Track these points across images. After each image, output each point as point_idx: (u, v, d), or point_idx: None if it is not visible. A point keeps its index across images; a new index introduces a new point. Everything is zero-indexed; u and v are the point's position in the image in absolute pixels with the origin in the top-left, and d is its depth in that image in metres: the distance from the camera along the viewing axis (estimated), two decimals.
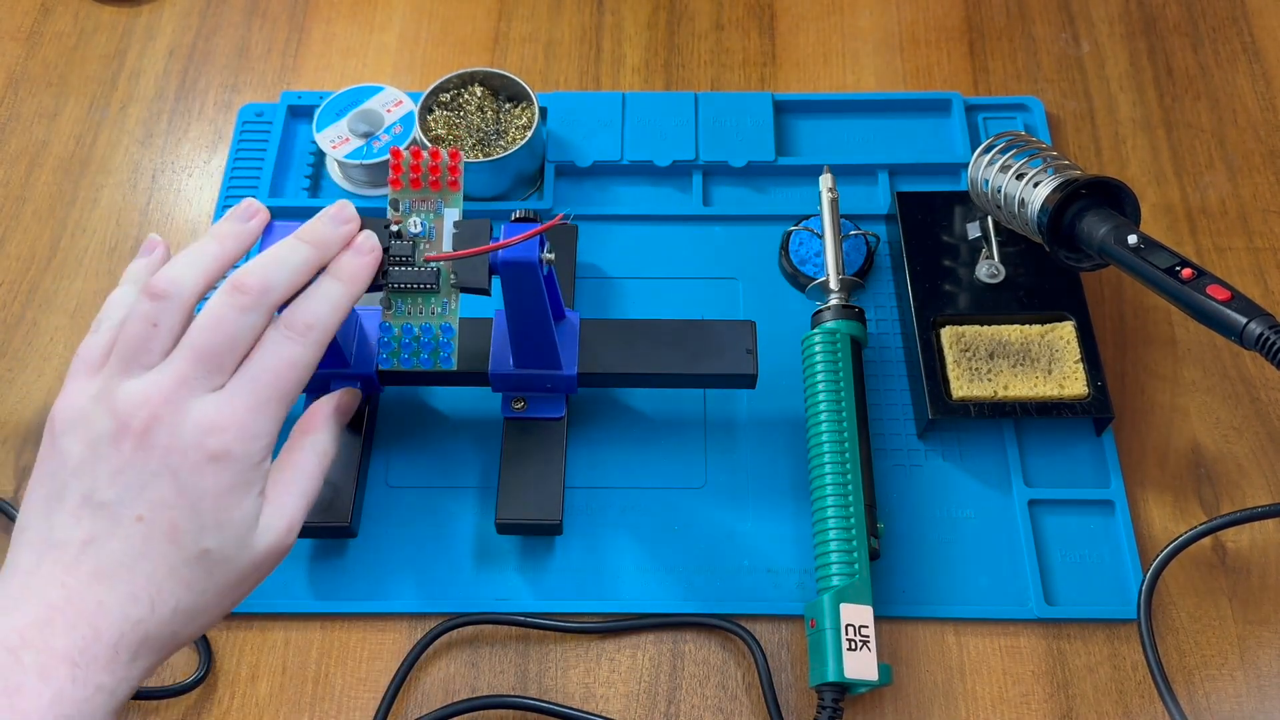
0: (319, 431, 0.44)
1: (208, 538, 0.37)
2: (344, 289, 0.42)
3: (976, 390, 0.55)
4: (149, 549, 0.36)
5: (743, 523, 0.55)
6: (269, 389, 0.39)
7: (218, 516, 0.37)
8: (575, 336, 0.54)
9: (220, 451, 0.37)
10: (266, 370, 0.39)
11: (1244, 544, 0.55)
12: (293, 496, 0.41)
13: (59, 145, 0.69)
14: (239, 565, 0.38)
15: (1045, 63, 0.71)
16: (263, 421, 0.38)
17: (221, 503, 0.37)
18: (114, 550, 0.36)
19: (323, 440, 0.44)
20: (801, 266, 0.61)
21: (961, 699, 0.51)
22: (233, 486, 0.37)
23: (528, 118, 0.64)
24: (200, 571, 0.37)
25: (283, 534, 0.40)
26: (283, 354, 0.39)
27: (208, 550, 0.37)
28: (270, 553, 0.40)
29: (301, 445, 0.43)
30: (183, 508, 0.37)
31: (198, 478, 0.37)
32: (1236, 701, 0.51)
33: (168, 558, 0.37)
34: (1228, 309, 0.47)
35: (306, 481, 0.42)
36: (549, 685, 0.52)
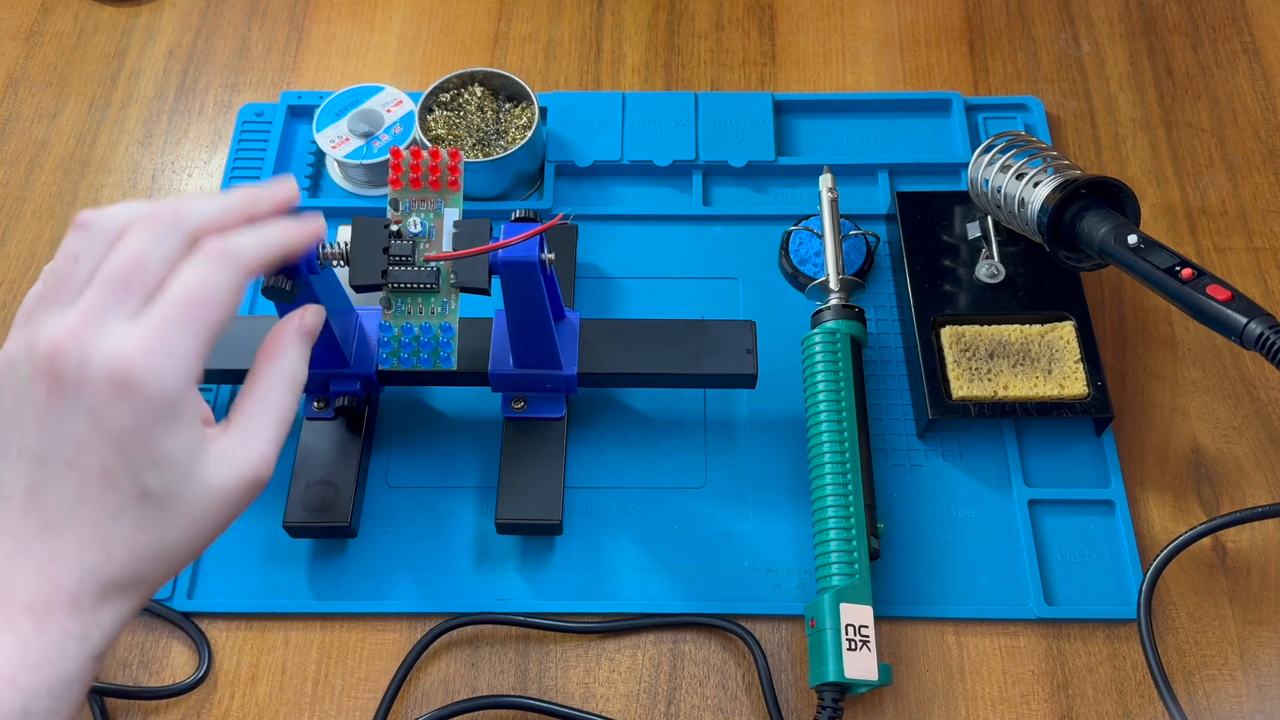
0: (283, 355, 0.41)
1: (144, 476, 0.36)
2: (275, 233, 0.40)
3: (976, 390, 0.55)
4: (87, 494, 0.35)
5: (743, 523, 0.55)
6: (179, 312, 0.36)
7: (147, 452, 0.35)
8: (575, 336, 0.54)
9: (128, 381, 0.35)
10: (177, 293, 0.36)
11: (1244, 544, 0.55)
12: (258, 425, 0.39)
13: (59, 145, 0.69)
14: (194, 500, 0.37)
15: (1045, 63, 0.71)
16: (173, 347, 0.36)
17: (146, 437, 0.35)
18: (54, 499, 0.35)
19: (288, 363, 0.41)
20: (801, 266, 0.61)
21: (961, 699, 0.51)
22: (154, 418, 0.35)
23: (528, 118, 0.64)
24: (149, 511, 0.36)
25: (251, 465, 0.38)
26: (195, 276, 0.37)
27: (148, 488, 0.36)
28: (237, 485, 0.38)
29: (265, 371, 0.41)
30: (106, 447, 0.35)
31: (110, 413, 0.35)
32: (1236, 701, 0.51)
33: (107, 501, 0.35)
34: (1228, 309, 0.47)
35: (273, 408, 0.40)
36: (549, 685, 0.52)
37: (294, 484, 0.54)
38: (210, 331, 0.37)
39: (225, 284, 0.37)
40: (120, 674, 0.52)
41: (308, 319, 0.43)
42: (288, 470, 0.55)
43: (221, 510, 0.38)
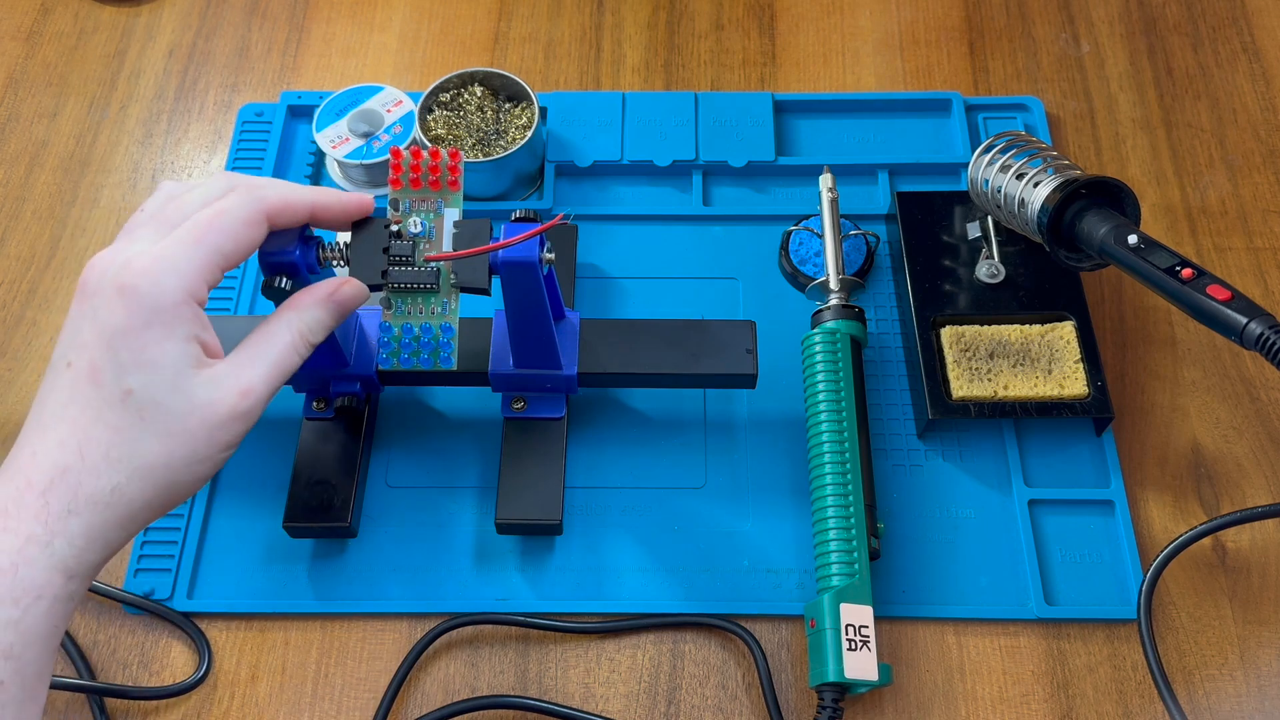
0: (303, 310, 0.43)
1: (128, 377, 0.37)
2: (307, 189, 0.44)
3: (976, 390, 0.55)
4: (75, 393, 0.37)
5: (743, 523, 0.55)
6: (189, 231, 0.39)
7: (135, 355, 0.37)
8: (575, 336, 0.54)
9: (127, 285, 0.37)
10: (194, 218, 0.40)
11: (1244, 544, 0.55)
12: (254, 360, 0.41)
13: (59, 145, 0.69)
14: (175, 412, 0.38)
15: (1045, 63, 0.71)
16: (175, 260, 0.38)
17: (136, 339, 0.37)
18: (50, 401, 0.38)
19: (306, 318, 0.43)
20: (801, 266, 0.61)
21: (961, 699, 0.51)
22: (147, 323, 0.37)
23: (528, 118, 0.64)
24: (128, 415, 0.37)
25: (238, 392, 0.39)
26: (215, 205, 0.40)
27: (130, 390, 0.37)
28: (219, 408, 0.39)
29: (278, 316, 0.43)
30: (98, 346, 0.37)
31: (108, 313, 0.37)
32: (1236, 701, 0.51)
33: (91, 400, 0.37)
34: (1228, 309, 0.47)
35: (273, 350, 0.41)
36: (549, 685, 0.52)
37: (294, 484, 0.54)
38: (215, 253, 0.40)
39: (240, 212, 0.40)
40: (120, 674, 0.52)
41: (345, 290, 0.45)
42: (288, 470, 0.55)
43: (201, 434, 0.39)
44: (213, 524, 0.56)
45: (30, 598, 0.35)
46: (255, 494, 0.56)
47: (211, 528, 0.55)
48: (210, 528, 0.55)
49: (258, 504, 0.56)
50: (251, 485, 0.56)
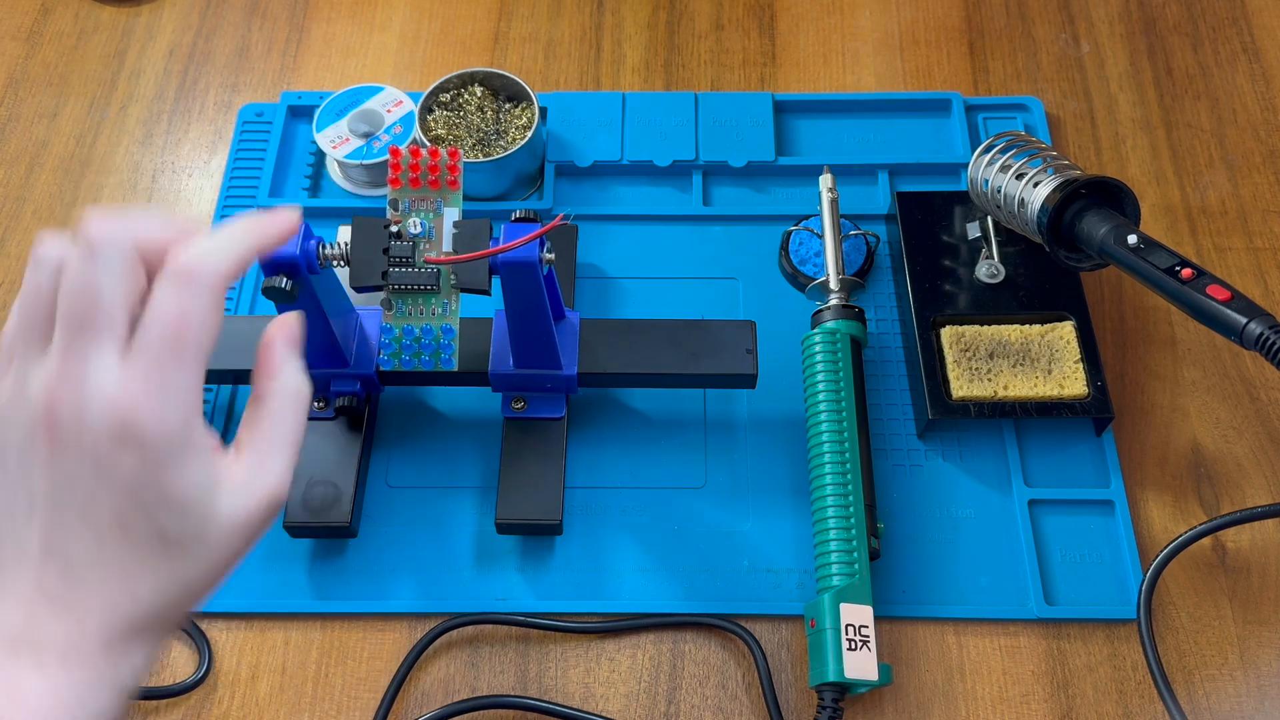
0: (280, 371, 0.39)
1: (160, 518, 0.34)
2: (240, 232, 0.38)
3: (976, 390, 0.55)
4: (105, 545, 0.34)
5: (743, 523, 0.55)
6: (164, 347, 0.35)
7: (160, 496, 0.34)
8: (575, 336, 0.54)
9: (131, 431, 0.34)
10: (156, 325, 0.35)
11: (1244, 544, 0.55)
12: (273, 449, 0.38)
13: (59, 145, 0.69)
14: (215, 534, 0.36)
15: (1045, 63, 0.71)
16: (167, 384, 0.34)
17: (155, 480, 0.34)
18: (74, 552, 0.34)
19: (288, 379, 0.39)
20: (801, 266, 0.61)
21: (961, 699, 0.51)
22: (162, 461, 0.34)
23: (528, 118, 0.64)
24: (170, 552, 0.35)
25: (269, 490, 0.37)
26: (169, 305, 0.35)
27: (165, 530, 0.35)
28: (254, 513, 0.37)
29: (269, 391, 0.39)
30: (118, 495, 0.34)
31: (114, 463, 0.34)
32: (1236, 701, 0.51)
33: (128, 550, 0.34)
34: (1228, 309, 0.47)
35: (282, 428, 0.38)
36: (549, 685, 0.52)
37: (294, 484, 0.53)
38: (201, 359, 0.36)
39: (204, 307, 0.36)
40: None
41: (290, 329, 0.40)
42: None
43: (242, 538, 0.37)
44: None
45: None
46: None
47: None
48: None
49: None
50: None
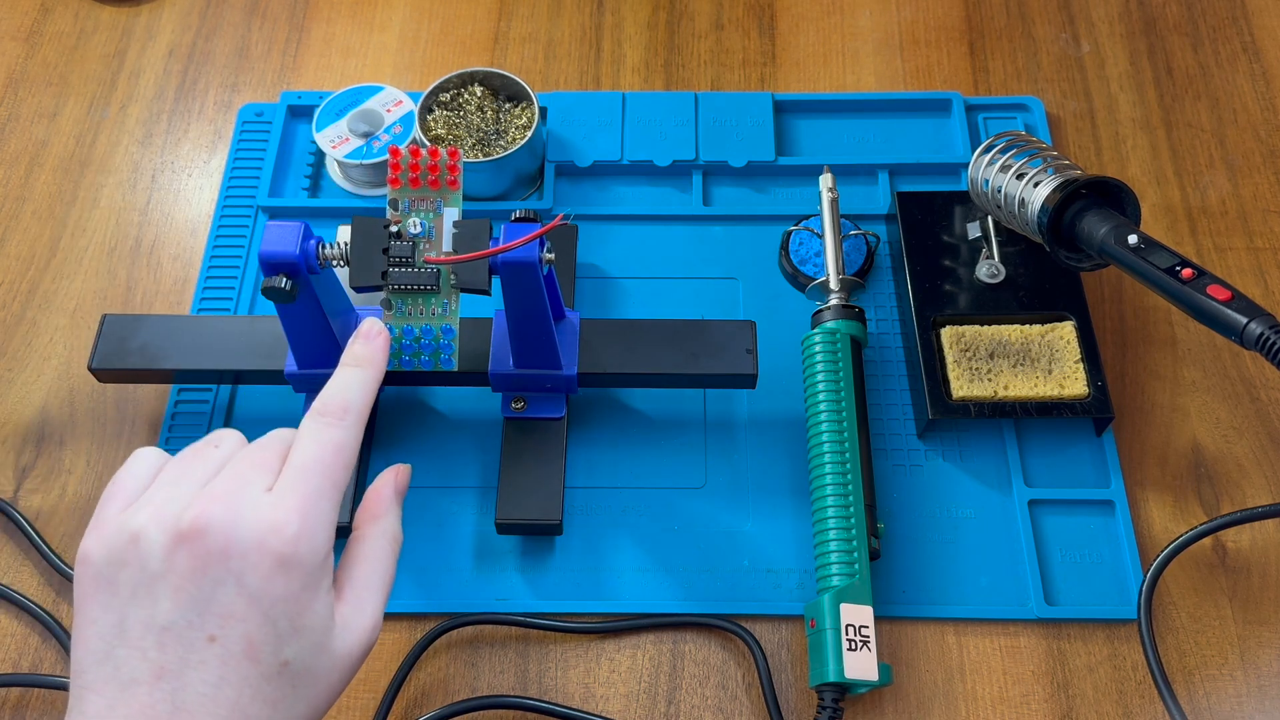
0: (385, 516, 0.41)
1: (287, 648, 0.34)
2: (367, 371, 0.41)
3: (976, 390, 0.55)
4: (228, 672, 0.33)
5: (743, 523, 0.55)
6: (320, 478, 0.36)
7: (293, 623, 0.34)
8: (575, 336, 0.54)
9: (286, 553, 0.34)
10: (312, 459, 0.37)
11: (1244, 544, 0.55)
12: (371, 591, 0.38)
13: (59, 145, 0.69)
14: (322, 672, 0.36)
15: (1045, 63, 0.71)
16: (321, 514, 0.36)
17: (294, 608, 0.34)
18: (191, 681, 0.33)
19: (390, 524, 0.41)
20: (801, 266, 0.61)
21: (961, 699, 0.51)
22: (304, 588, 0.35)
23: (528, 118, 0.64)
24: (284, 687, 0.35)
25: (367, 631, 0.37)
26: (324, 440, 0.37)
27: (288, 662, 0.34)
28: (354, 653, 0.37)
29: (371, 534, 0.40)
30: (255, 618, 0.34)
31: (265, 584, 0.34)
32: (1236, 701, 0.51)
33: (249, 679, 0.34)
34: (1228, 309, 0.47)
35: (384, 572, 0.39)
36: (549, 685, 0.52)
37: None
38: (343, 491, 0.37)
39: (351, 443, 0.38)
40: None
41: (400, 480, 0.42)
42: None
43: (339, 681, 0.37)
44: None
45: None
46: None
47: None
48: None
49: None
50: None
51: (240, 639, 0.34)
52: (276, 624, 0.34)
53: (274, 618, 0.34)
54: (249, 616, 0.34)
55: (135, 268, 0.64)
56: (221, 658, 0.33)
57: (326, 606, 0.36)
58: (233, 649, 0.33)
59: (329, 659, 0.36)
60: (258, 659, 0.34)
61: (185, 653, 0.33)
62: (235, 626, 0.34)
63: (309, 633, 0.35)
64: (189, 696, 0.33)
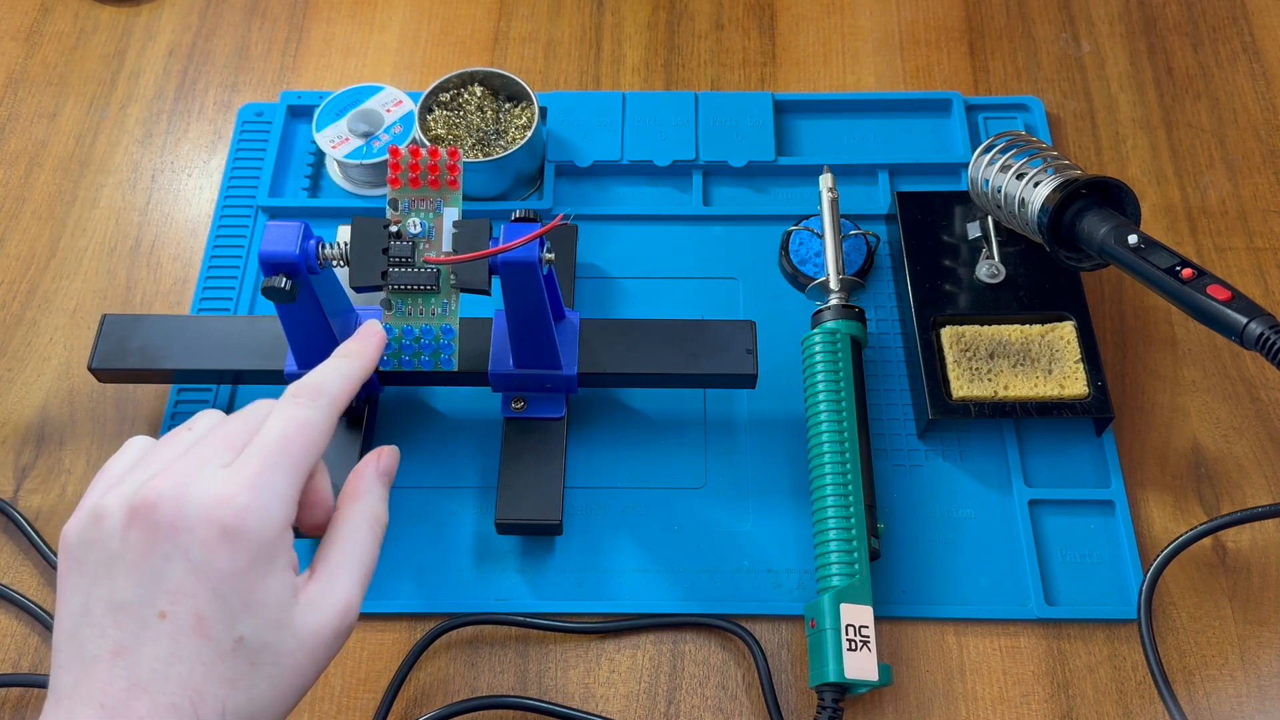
0: (366, 496, 0.40)
1: (240, 624, 0.34)
2: (350, 362, 0.41)
3: (976, 390, 0.55)
4: (179, 649, 0.33)
5: (743, 523, 0.55)
6: (276, 452, 0.36)
7: (245, 599, 0.34)
8: (575, 336, 0.54)
9: (231, 526, 0.34)
10: (275, 436, 0.36)
11: (1244, 544, 0.55)
12: (346, 570, 0.37)
13: (59, 145, 0.69)
14: (284, 650, 0.35)
15: (1045, 63, 0.71)
16: (273, 488, 0.35)
17: (244, 582, 0.34)
18: (145, 657, 0.33)
19: (372, 504, 0.40)
20: (801, 266, 0.61)
21: (961, 699, 0.51)
22: (253, 562, 0.34)
23: (528, 117, 0.64)
24: (241, 664, 0.34)
25: (339, 612, 0.37)
26: (289, 417, 0.37)
27: (242, 638, 0.34)
28: (323, 634, 0.36)
29: (349, 514, 0.39)
30: (203, 594, 0.34)
31: (211, 557, 0.34)
32: (1236, 701, 0.51)
33: (201, 655, 0.33)
34: (1228, 309, 0.47)
35: (361, 552, 0.38)
36: (549, 685, 0.52)
37: None
38: (305, 470, 0.37)
39: (319, 422, 0.37)
40: None
41: (384, 461, 0.42)
42: None
43: (311, 661, 0.36)
44: None
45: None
46: None
47: None
48: None
49: None
50: None
51: (189, 614, 0.34)
52: (226, 599, 0.34)
53: (223, 593, 0.34)
54: (197, 591, 0.34)
55: (135, 268, 0.64)
56: (172, 634, 0.33)
57: (284, 583, 0.35)
58: (183, 624, 0.33)
59: (292, 637, 0.35)
60: (208, 634, 0.34)
61: (139, 629, 0.33)
62: (184, 602, 0.34)
63: (264, 609, 0.35)
64: (143, 673, 0.33)
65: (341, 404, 0.39)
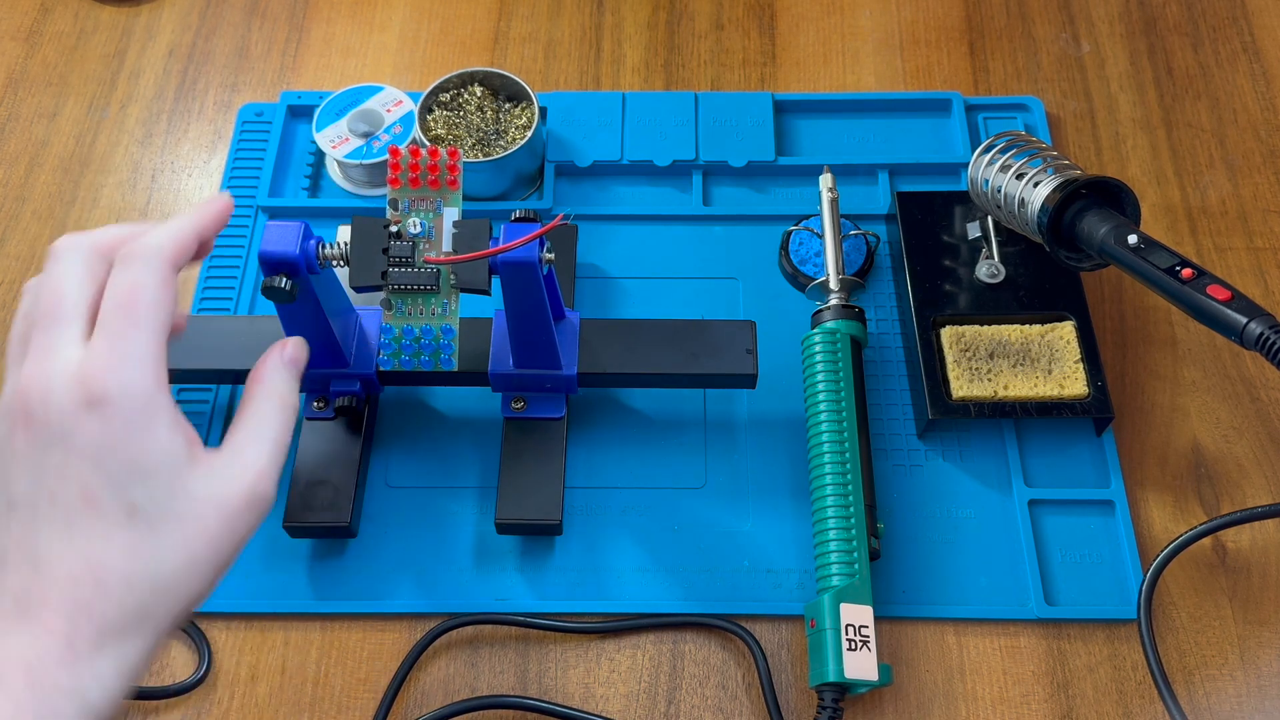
0: (270, 378, 0.41)
1: (128, 491, 0.34)
2: (182, 219, 0.40)
3: (976, 390, 0.55)
4: (73, 524, 0.34)
5: (743, 523, 0.55)
6: (118, 316, 0.36)
7: (127, 465, 0.34)
8: (575, 336, 0.54)
9: (95, 395, 0.34)
10: (111, 302, 0.36)
11: (1244, 544, 0.55)
12: (252, 442, 0.39)
13: (59, 145, 0.69)
14: (187, 516, 0.35)
15: (1045, 63, 0.71)
16: (125, 351, 0.35)
17: (123, 448, 0.34)
18: (42, 541, 0.34)
19: (277, 385, 0.41)
20: (801, 266, 0.61)
21: (961, 699, 0.51)
22: (126, 428, 0.35)
23: (528, 117, 0.64)
24: (140, 531, 0.35)
25: (248, 480, 0.37)
26: (122, 281, 0.37)
27: (135, 505, 0.35)
28: (230, 500, 0.37)
29: (255, 394, 0.41)
30: (84, 466, 0.34)
31: (84, 430, 0.34)
32: (1236, 701, 0.51)
33: (95, 527, 0.34)
34: (1228, 309, 0.47)
35: (265, 426, 0.39)
36: (549, 685, 0.52)
37: (294, 484, 0.54)
38: (155, 328, 0.36)
39: (153, 280, 0.37)
40: None
41: (290, 350, 0.43)
42: (288, 470, 0.55)
43: (219, 530, 0.36)
44: None
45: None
46: None
47: None
48: None
49: None
50: None
51: (76, 490, 0.34)
52: (108, 468, 0.34)
53: (102, 461, 0.34)
54: (79, 467, 0.34)
55: None
56: (65, 513, 0.34)
57: (170, 445, 0.35)
58: (71, 502, 0.34)
59: (190, 503, 0.36)
60: (97, 506, 0.34)
61: (33, 518, 0.34)
62: (69, 480, 0.34)
63: (152, 474, 0.35)
64: (43, 555, 0.34)
65: (175, 260, 0.38)
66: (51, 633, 0.33)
